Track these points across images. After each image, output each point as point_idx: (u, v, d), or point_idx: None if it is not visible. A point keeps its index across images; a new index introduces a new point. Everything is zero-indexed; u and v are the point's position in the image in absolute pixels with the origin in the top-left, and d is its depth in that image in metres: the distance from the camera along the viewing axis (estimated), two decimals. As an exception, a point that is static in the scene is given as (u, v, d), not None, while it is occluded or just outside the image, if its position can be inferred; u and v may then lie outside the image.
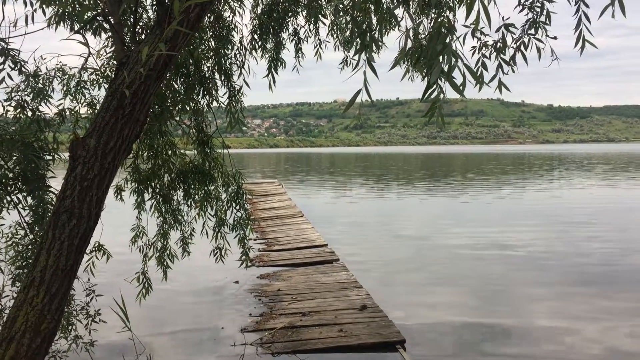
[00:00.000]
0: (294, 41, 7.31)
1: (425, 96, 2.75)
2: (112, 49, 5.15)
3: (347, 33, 7.02)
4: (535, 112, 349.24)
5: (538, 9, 3.76)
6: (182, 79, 6.12)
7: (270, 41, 7.12)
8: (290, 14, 7.00)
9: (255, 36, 6.88)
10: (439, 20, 2.73)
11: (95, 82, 5.44)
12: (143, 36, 4.65)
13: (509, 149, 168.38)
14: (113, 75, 4.23)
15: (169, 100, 5.79)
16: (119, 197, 6.00)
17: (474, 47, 3.90)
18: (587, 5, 3.53)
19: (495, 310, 8.27)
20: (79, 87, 5.36)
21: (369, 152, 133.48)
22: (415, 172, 48.66)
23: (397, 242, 14.05)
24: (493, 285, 9.72)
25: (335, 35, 7.24)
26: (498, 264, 11.31)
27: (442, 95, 2.79)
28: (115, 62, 4.78)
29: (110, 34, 4.71)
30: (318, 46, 7.45)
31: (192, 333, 7.31)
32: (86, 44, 4.42)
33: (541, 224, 16.65)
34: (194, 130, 6.30)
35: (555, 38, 3.72)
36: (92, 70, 5.39)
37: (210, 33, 6.58)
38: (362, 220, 18.15)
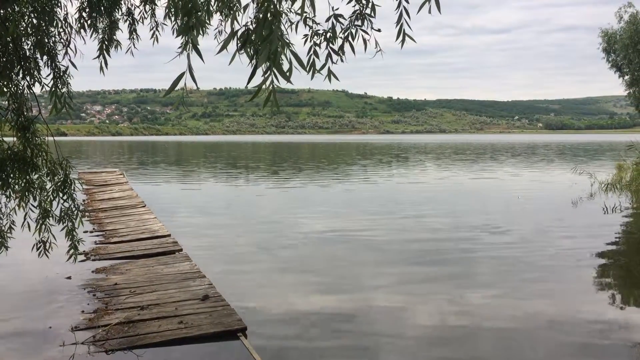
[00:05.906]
0: (127, 22, 6.94)
1: (251, 82, 2.73)
2: None
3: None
4: (376, 104, 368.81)
5: (364, 1, 3.91)
6: (-2, 57, 5.55)
7: (101, 21, 6.70)
8: (123, -8, 6.64)
9: (84, 14, 6.42)
10: (265, 5, 2.72)
11: None
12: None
13: (353, 138, 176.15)
14: None
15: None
16: None
17: (306, 35, 3.97)
18: (407, 1, 3.74)
19: (338, 293, 8.56)
20: None
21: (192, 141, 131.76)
22: (263, 162, 48.98)
23: (244, 231, 14.04)
24: (338, 270, 10.06)
25: (172, 19, 6.98)
26: (343, 249, 11.76)
27: (270, 81, 2.78)
28: None
29: None
30: (154, 29, 7.15)
31: (13, 335, 6.63)
32: None
33: (382, 209, 17.61)
34: (12, 114, 5.74)
35: (379, 30, 3.90)
36: None
37: (32, 8, 6.02)
38: (208, 210, 17.87)
